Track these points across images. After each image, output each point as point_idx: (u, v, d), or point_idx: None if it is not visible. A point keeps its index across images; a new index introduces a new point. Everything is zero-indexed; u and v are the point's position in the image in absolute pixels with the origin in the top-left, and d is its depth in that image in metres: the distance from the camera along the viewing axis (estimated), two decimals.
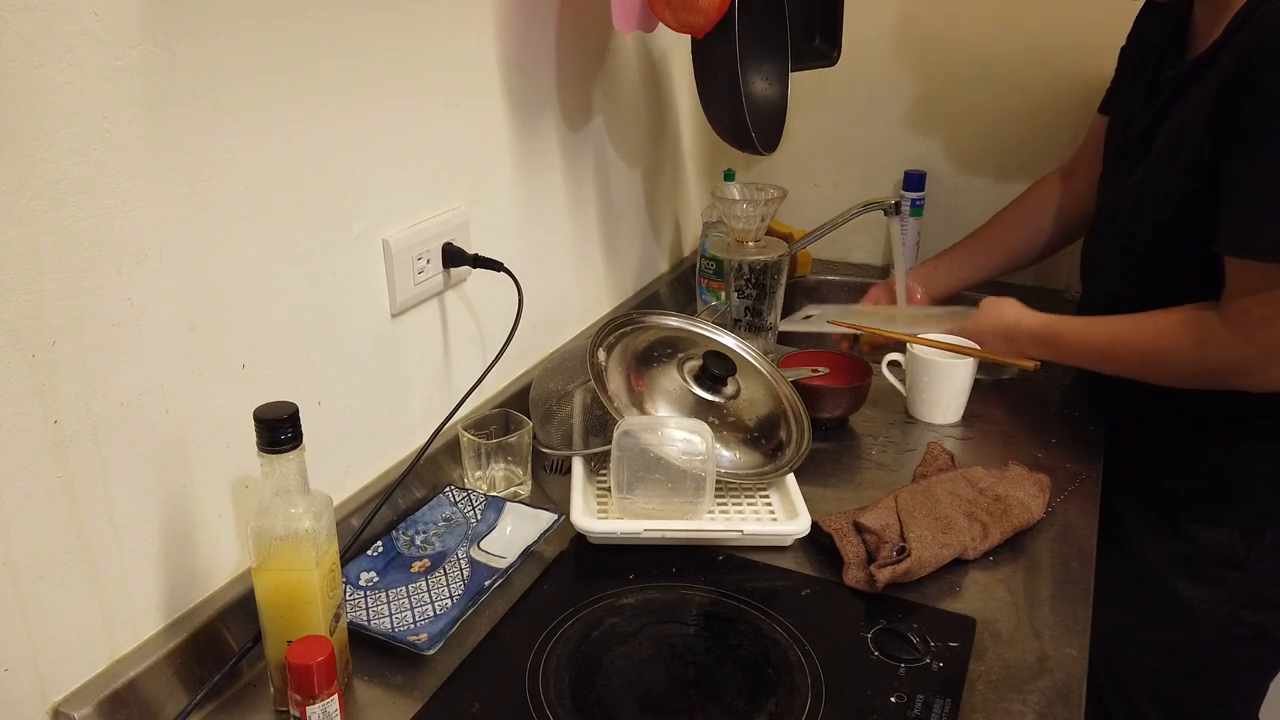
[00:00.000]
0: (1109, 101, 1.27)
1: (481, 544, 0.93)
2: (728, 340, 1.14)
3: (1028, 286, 1.58)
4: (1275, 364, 0.95)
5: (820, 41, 1.46)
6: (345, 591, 0.83)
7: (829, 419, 1.17)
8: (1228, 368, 0.98)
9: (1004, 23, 1.54)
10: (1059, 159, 1.53)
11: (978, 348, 1.19)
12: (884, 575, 0.86)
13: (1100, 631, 0.84)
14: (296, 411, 0.68)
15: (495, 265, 1.03)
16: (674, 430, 0.95)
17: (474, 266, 1.03)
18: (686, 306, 1.59)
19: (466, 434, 1.01)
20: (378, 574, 0.88)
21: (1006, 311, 1.19)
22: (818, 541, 0.94)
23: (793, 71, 1.30)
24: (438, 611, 0.83)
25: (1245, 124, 0.91)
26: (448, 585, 0.87)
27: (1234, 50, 0.93)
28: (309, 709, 0.67)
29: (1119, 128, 1.16)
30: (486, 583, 0.86)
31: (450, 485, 1.01)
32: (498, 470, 1.03)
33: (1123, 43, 1.23)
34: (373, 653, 0.80)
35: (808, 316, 1.43)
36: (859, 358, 1.23)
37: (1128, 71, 1.20)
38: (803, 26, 1.44)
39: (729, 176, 1.63)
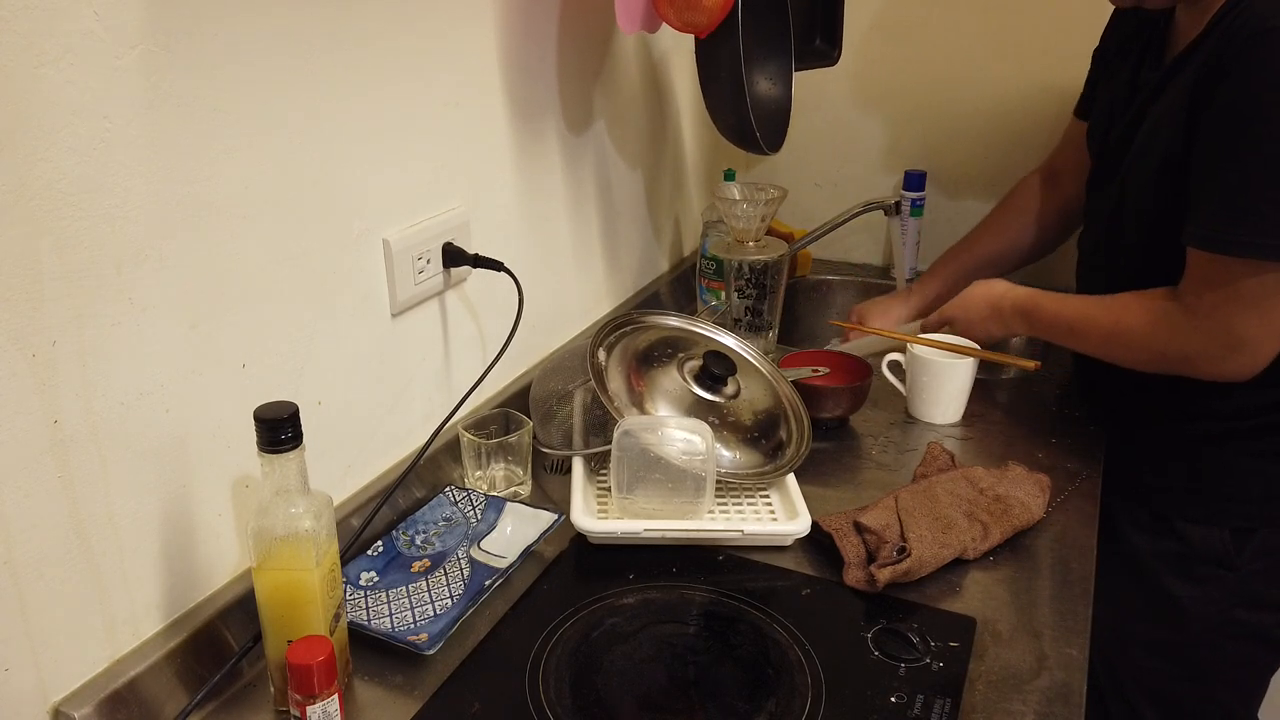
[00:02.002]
0: (1085, 105, 1.28)
1: (481, 544, 0.93)
2: (728, 340, 1.14)
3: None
4: (1224, 355, 0.97)
5: (820, 42, 1.47)
6: (345, 591, 0.83)
7: (829, 419, 1.17)
8: (1179, 354, 1.00)
9: (1002, 22, 1.54)
10: None
11: (977, 348, 1.19)
12: (884, 575, 0.86)
13: (1096, 630, 0.84)
14: (296, 411, 0.68)
15: (495, 265, 1.03)
16: (674, 430, 0.95)
17: (474, 266, 1.03)
18: (686, 306, 1.59)
19: (466, 434, 1.01)
20: (378, 574, 0.88)
21: (995, 285, 1.21)
22: (818, 541, 0.94)
23: (795, 72, 1.30)
24: (438, 611, 0.84)
25: (1215, 119, 0.92)
26: (448, 585, 0.87)
27: (1210, 48, 0.93)
28: (309, 709, 0.67)
29: (1100, 131, 1.16)
30: (486, 582, 0.86)
31: (450, 485, 1.01)
32: (498, 470, 1.03)
33: None
34: (373, 652, 0.80)
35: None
36: (859, 358, 1.23)
37: (1104, 74, 1.20)
38: (803, 27, 1.44)
39: (729, 176, 1.63)
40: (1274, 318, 0.94)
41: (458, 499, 0.99)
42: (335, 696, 0.68)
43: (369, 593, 0.86)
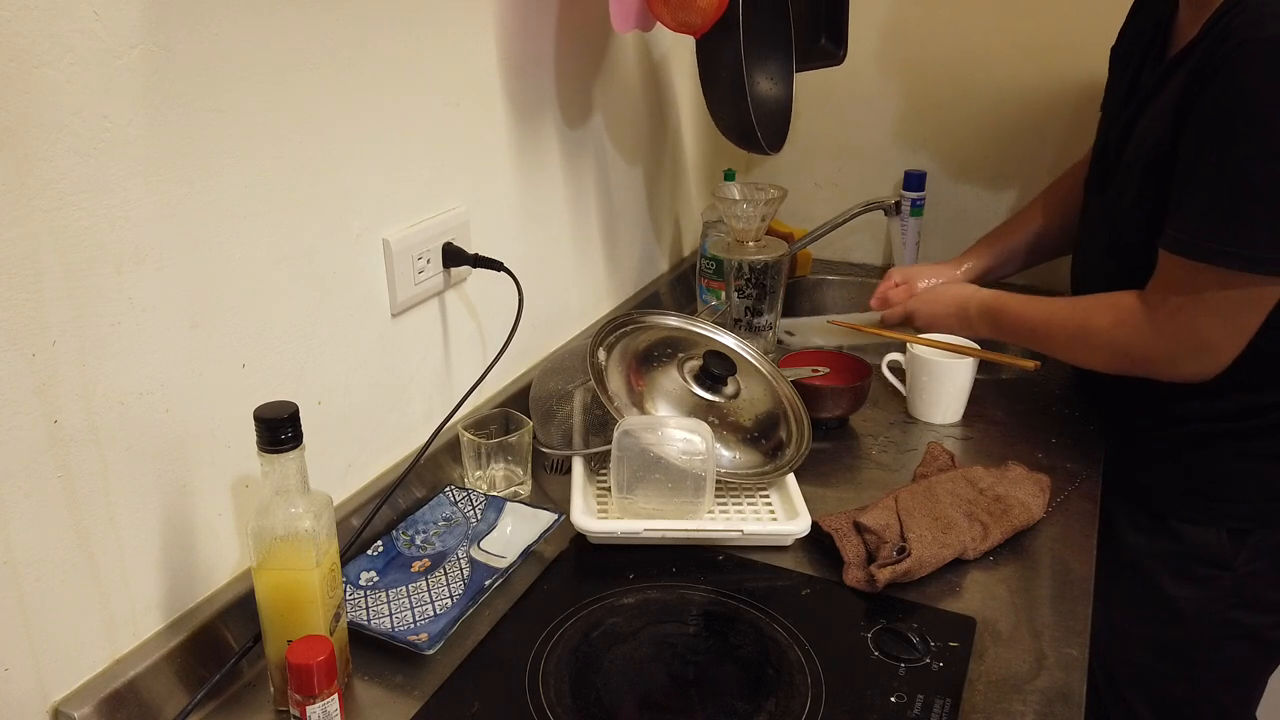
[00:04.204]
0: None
1: (481, 544, 0.93)
2: (728, 340, 1.14)
3: (1023, 287, 1.57)
4: (1183, 358, 0.98)
5: (826, 41, 1.46)
6: (345, 591, 0.83)
7: (829, 419, 1.17)
8: (1141, 354, 1.01)
9: (1002, 23, 1.54)
10: (1058, 157, 1.53)
11: (977, 347, 1.20)
12: (884, 575, 0.86)
13: (1094, 630, 0.84)
14: (296, 411, 0.68)
15: (495, 265, 1.03)
16: (674, 430, 0.95)
17: (474, 266, 1.03)
18: (686, 306, 1.59)
19: (466, 434, 1.01)
20: (378, 574, 0.88)
21: (964, 286, 1.22)
22: (818, 541, 0.94)
23: (800, 71, 1.30)
24: (438, 611, 0.84)
25: (1197, 125, 0.92)
26: (448, 585, 0.87)
27: (1204, 50, 0.93)
28: (309, 709, 0.67)
29: (1102, 130, 1.16)
30: (486, 582, 0.86)
31: (450, 485, 1.01)
32: (498, 470, 1.03)
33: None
34: (373, 652, 0.80)
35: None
36: (859, 358, 1.24)
37: (1111, 73, 1.21)
38: (808, 26, 1.43)
39: (729, 176, 1.63)
40: (1237, 324, 0.95)
41: (458, 499, 0.99)
42: (335, 696, 0.68)
43: (369, 592, 0.86)
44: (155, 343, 0.71)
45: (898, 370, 1.24)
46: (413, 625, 0.82)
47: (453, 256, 1.00)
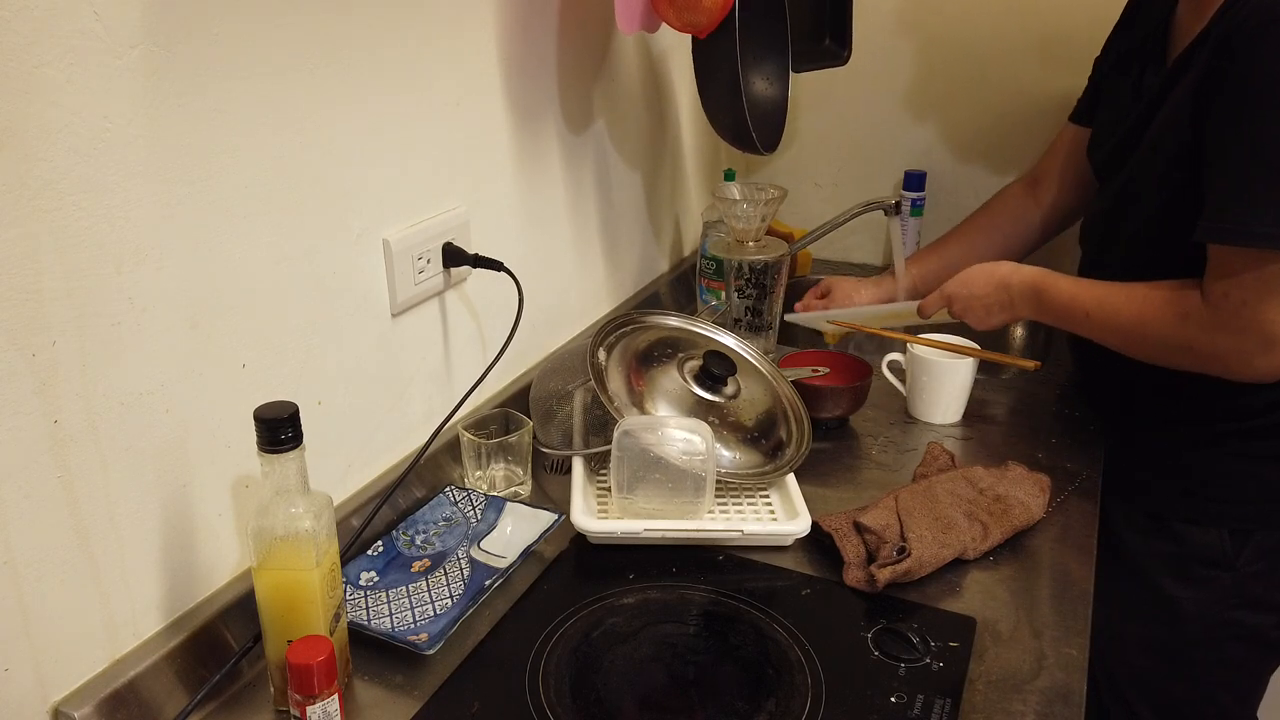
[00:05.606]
0: (1083, 112, 1.27)
1: (482, 544, 0.93)
2: (728, 340, 1.14)
3: None
4: (1256, 353, 0.93)
5: (830, 42, 1.47)
6: (345, 591, 0.83)
7: (829, 419, 1.17)
8: (1208, 351, 0.97)
9: (1004, 23, 1.54)
10: None
11: (977, 347, 1.19)
12: (884, 575, 0.86)
13: (1094, 631, 0.84)
14: (297, 411, 0.68)
15: (495, 265, 1.03)
16: (674, 430, 0.95)
17: (474, 266, 1.03)
18: (686, 306, 1.59)
19: (466, 434, 1.01)
20: (378, 574, 0.88)
21: (999, 265, 1.16)
22: (818, 541, 0.94)
23: (803, 72, 1.30)
24: (438, 611, 0.84)
25: (1222, 110, 0.92)
26: (448, 585, 0.87)
27: (1215, 41, 0.93)
28: (309, 709, 0.67)
29: (1105, 136, 1.16)
30: (487, 582, 0.86)
31: (450, 485, 1.01)
32: (498, 470, 1.03)
33: None
34: (373, 652, 0.80)
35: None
36: (859, 358, 1.23)
37: (1104, 90, 1.20)
38: (812, 27, 1.44)
39: (729, 176, 1.63)
40: None
41: (458, 499, 0.99)
42: (335, 696, 0.68)
43: (369, 593, 0.86)
44: (155, 343, 0.71)
45: (898, 370, 1.24)
46: (413, 625, 0.82)
47: (453, 256, 1.00)
